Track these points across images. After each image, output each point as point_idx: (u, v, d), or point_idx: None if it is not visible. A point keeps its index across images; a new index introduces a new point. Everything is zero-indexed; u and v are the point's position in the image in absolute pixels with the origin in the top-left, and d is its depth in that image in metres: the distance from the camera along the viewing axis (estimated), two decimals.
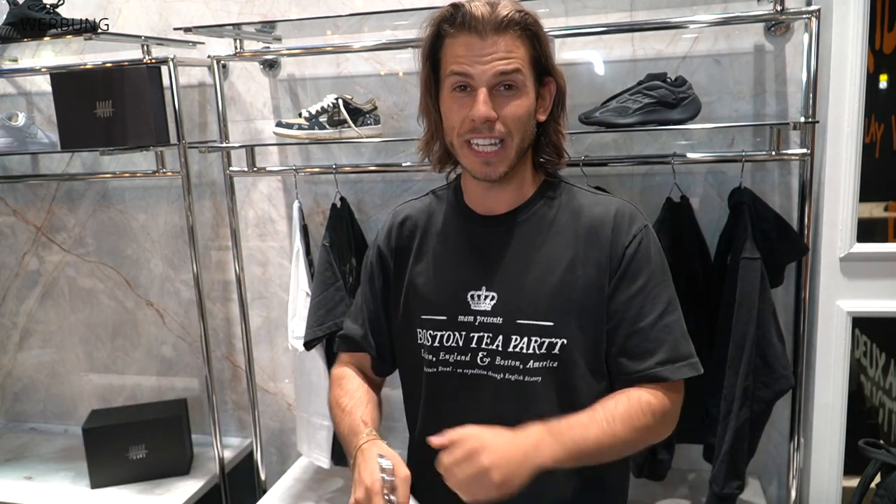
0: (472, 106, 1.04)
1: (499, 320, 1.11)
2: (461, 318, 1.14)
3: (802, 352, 1.74)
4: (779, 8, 1.58)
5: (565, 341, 1.09)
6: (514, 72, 1.03)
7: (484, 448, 0.93)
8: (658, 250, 1.13)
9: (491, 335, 1.11)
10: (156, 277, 2.33)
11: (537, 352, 1.10)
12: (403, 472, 1.05)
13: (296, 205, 1.96)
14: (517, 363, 1.11)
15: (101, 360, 2.44)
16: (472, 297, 1.13)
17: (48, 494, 2.06)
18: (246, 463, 2.26)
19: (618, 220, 1.11)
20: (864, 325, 1.93)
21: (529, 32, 1.05)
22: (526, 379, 1.11)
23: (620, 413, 1.04)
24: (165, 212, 2.27)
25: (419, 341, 1.18)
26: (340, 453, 1.92)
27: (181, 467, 2.13)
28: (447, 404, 1.18)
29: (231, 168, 2.03)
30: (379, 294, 1.26)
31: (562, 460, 0.98)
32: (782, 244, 1.65)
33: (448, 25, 1.06)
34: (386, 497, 1.02)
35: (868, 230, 1.73)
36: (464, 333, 1.13)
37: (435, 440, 0.97)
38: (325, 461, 1.94)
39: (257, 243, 2.22)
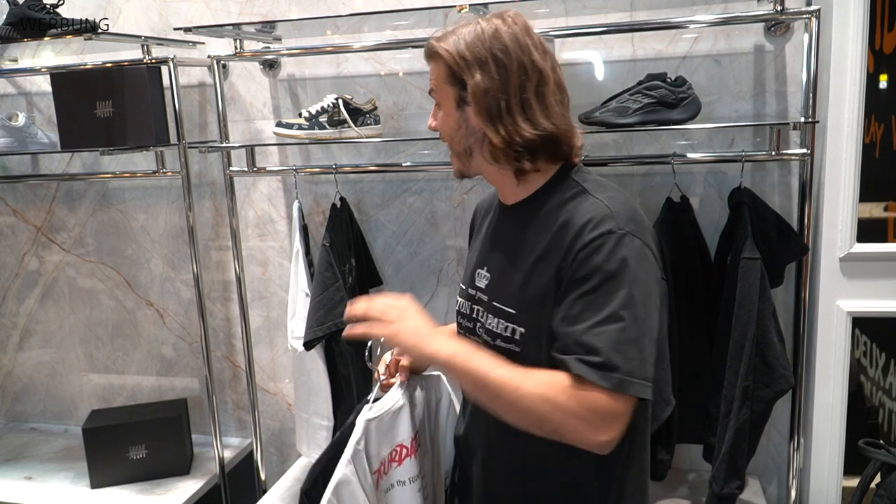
0: None
1: (486, 298, 1.24)
2: (470, 290, 1.29)
3: (802, 352, 1.74)
4: (779, 8, 1.58)
5: (524, 330, 1.15)
6: (432, 90, 1.23)
7: (402, 317, 1.16)
8: (622, 259, 1.04)
9: (481, 309, 1.25)
10: (156, 277, 2.33)
11: (503, 333, 1.19)
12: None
13: (296, 205, 1.96)
14: (489, 339, 1.22)
15: (101, 360, 2.44)
16: (478, 274, 1.28)
17: (48, 494, 2.06)
18: (246, 463, 2.26)
19: (583, 225, 1.08)
20: (864, 325, 1.93)
21: (437, 56, 1.20)
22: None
23: (538, 376, 1.05)
24: (165, 212, 2.27)
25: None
26: None
27: (181, 467, 2.13)
28: None
29: (231, 168, 2.04)
30: None
31: (452, 364, 1.11)
32: (782, 244, 1.65)
33: None
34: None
35: (868, 230, 1.73)
36: (469, 304, 1.29)
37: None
38: None
39: (257, 243, 2.22)
